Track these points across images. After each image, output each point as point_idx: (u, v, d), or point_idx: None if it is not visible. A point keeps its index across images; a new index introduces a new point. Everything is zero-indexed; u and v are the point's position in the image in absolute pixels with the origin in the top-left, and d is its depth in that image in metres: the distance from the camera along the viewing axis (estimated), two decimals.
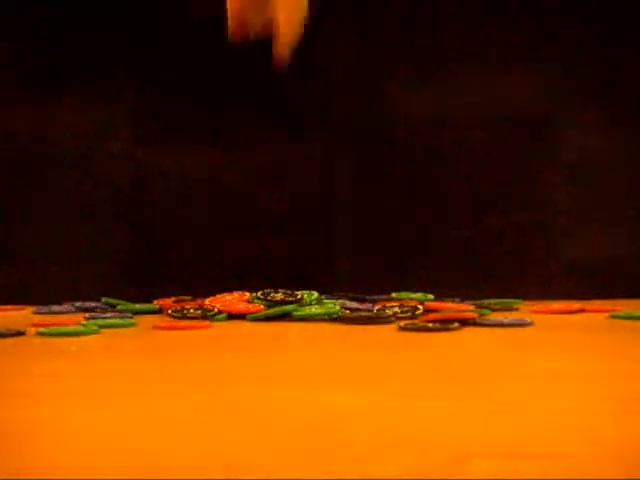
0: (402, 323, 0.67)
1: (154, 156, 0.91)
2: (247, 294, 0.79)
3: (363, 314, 0.72)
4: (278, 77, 0.79)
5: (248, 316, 0.74)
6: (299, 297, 0.77)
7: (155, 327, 0.69)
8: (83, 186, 0.92)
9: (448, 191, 0.92)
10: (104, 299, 0.84)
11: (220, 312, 0.74)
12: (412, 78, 0.91)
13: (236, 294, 0.80)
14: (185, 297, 0.81)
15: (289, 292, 0.78)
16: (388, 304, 0.76)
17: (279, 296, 0.79)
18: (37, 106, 0.91)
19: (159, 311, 0.80)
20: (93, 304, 0.83)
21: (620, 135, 0.92)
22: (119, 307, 0.81)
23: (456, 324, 0.66)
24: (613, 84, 0.92)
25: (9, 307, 0.85)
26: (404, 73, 0.91)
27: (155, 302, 0.81)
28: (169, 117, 0.90)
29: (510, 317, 0.70)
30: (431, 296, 0.82)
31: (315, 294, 0.79)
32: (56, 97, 0.91)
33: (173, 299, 0.81)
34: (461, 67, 0.91)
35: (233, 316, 0.75)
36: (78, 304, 0.83)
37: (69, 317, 0.76)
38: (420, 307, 0.74)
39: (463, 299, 0.82)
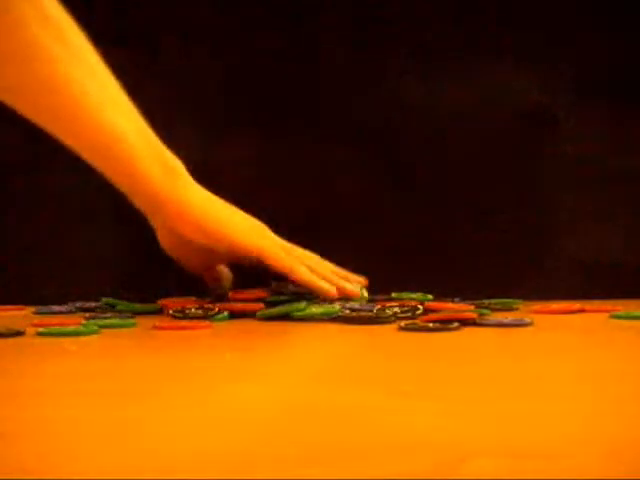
0: (402, 323, 0.67)
1: None
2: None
3: (363, 314, 0.72)
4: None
5: (257, 314, 0.74)
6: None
7: (155, 327, 0.69)
8: (82, 186, 0.92)
9: (448, 190, 0.92)
10: (104, 299, 0.84)
11: (220, 312, 0.74)
12: (415, 75, 0.91)
13: (256, 291, 0.80)
14: (189, 298, 0.82)
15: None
16: (388, 304, 0.76)
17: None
18: None
19: (160, 311, 0.80)
20: (93, 304, 0.83)
21: (621, 135, 0.92)
22: (119, 307, 0.81)
23: (456, 324, 0.66)
24: (617, 83, 0.92)
25: (9, 307, 0.85)
26: (407, 69, 0.91)
27: (159, 302, 0.81)
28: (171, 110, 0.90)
29: (510, 317, 0.70)
30: (430, 296, 0.82)
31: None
32: None
33: (176, 299, 0.81)
34: (463, 65, 0.91)
35: (234, 315, 0.75)
36: (78, 304, 0.84)
37: (69, 317, 0.76)
38: (420, 307, 0.74)
39: (463, 299, 0.82)
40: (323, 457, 0.32)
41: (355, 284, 0.80)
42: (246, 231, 0.79)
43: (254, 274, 0.85)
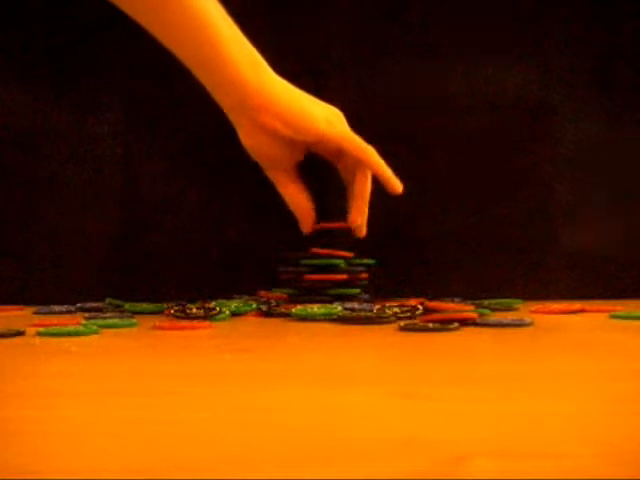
0: (402, 323, 0.67)
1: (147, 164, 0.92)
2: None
3: (363, 314, 0.72)
4: None
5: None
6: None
7: (155, 327, 0.69)
8: (83, 187, 0.92)
9: (447, 189, 0.92)
10: (108, 299, 0.84)
11: (221, 312, 0.75)
12: (412, 64, 0.91)
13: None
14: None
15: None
16: (388, 304, 0.76)
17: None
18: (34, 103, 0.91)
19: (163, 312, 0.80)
20: (94, 304, 0.83)
21: (620, 132, 0.92)
22: (126, 306, 0.81)
23: (456, 324, 0.66)
24: (615, 78, 0.92)
25: (9, 307, 0.86)
26: (404, 59, 0.91)
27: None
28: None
29: (510, 317, 0.70)
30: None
31: None
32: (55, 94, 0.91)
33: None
34: (461, 54, 0.91)
35: (235, 314, 0.76)
36: (79, 304, 0.84)
37: (69, 317, 0.76)
38: (420, 307, 0.74)
39: (463, 299, 0.82)
40: (323, 457, 0.32)
41: None
42: (328, 120, 0.80)
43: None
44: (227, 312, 0.75)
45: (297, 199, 0.82)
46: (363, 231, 0.83)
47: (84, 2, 0.90)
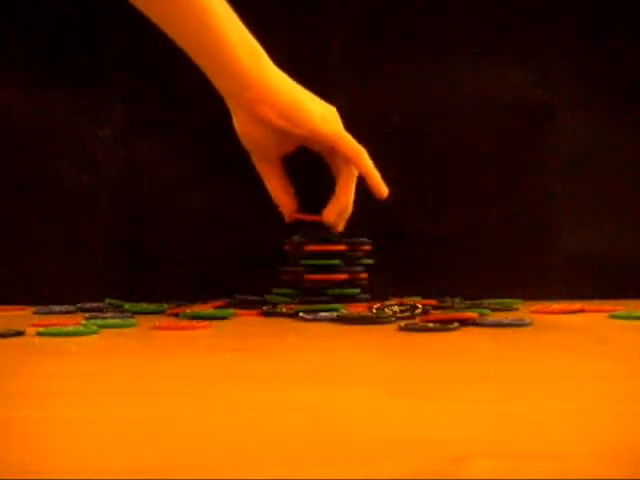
0: (402, 323, 0.67)
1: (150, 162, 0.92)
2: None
3: (363, 314, 0.72)
4: None
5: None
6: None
7: (155, 327, 0.69)
8: (83, 188, 0.92)
9: (447, 189, 0.92)
10: (108, 299, 0.84)
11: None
12: (411, 64, 0.91)
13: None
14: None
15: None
16: (387, 304, 0.76)
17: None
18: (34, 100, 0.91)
19: (164, 312, 0.80)
20: (94, 304, 0.83)
21: (622, 131, 0.92)
22: (126, 306, 0.81)
23: (456, 324, 0.66)
24: (615, 79, 0.92)
25: (9, 307, 0.85)
26: (404, 59, 0.91)
27: None
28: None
29: (510, 317, 0.70)
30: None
31: None
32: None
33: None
34: (462, 54, 0.91)
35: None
36: (79, 304, 0.84)
37: (69, 317, 0.76)
38: (419, 306, 0.74)
39: (463, 299, 0.82)
40: (322, 457, 0.32)
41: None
42: (323, 117, 0.81)
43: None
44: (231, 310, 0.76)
45: (280, 190, 0.84)
46: (339, 227, 0.84)
47: (86, 1, 0.90)
